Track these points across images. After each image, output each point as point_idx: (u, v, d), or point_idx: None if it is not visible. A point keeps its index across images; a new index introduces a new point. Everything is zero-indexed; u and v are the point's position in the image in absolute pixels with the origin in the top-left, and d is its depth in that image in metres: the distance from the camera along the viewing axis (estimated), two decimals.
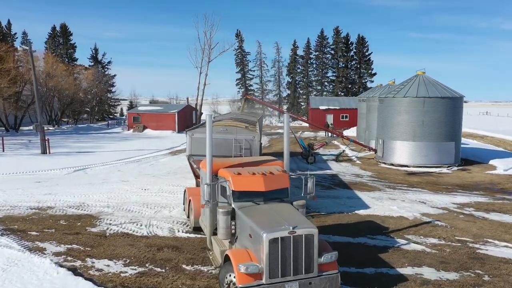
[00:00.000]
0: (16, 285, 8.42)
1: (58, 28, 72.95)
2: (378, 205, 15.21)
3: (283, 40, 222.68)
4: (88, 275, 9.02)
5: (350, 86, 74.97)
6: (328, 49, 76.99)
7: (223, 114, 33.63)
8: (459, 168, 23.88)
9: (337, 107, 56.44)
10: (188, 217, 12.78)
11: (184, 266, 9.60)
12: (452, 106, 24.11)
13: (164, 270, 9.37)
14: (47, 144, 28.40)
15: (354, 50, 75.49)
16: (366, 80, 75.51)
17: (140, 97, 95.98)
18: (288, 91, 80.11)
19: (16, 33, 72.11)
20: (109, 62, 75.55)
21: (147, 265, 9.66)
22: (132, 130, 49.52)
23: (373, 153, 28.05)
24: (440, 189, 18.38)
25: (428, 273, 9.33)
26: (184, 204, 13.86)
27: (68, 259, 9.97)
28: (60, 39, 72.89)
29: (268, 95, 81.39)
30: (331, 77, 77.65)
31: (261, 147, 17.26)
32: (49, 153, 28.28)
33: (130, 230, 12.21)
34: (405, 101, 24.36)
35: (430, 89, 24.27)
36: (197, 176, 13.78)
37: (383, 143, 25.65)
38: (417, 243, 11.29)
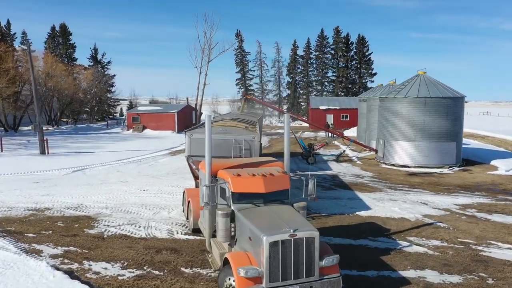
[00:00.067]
0: None
1: (57, 28, 72.86)
2: (379, 206, 15.06)
3: (283, 40, 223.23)
4: (85, 278, 8.88)
5: (350, 86, 74.83)
6: (328, 49, 76.87)
7: (223, 114, 33.49)
8: (461, 168, 23.72)
9: (337, 107, 56.27)
10: (187, 218, 12.62)
11: (182, 268, 9.44)
12: (454, 106, 23.98)
13: (162, 273, 9.21)
14: (45, 144, 28.27)
15: (354, 50, 75.35)
16: (366, 80, 75.38)
17: (140, 97, 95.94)
18: (288, 91, 79.97)
19: (15, 33, 71.74)
20: (108, 62, 75.56)
21: (145, 267, 9.50)
22: (131, 130, 49.39)
23: (373, 153, 27.89)
24: (441, 190, 18.22)
25: (431, 276, 9.17)
26: (183, 205, 13.70)
27: (65, 261, 9.82)
28: (60, 39, 72.82)
29: (268, 95, 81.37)
30: (331, 77, 77.52)
31: (261, 147, 17.11)
32: (48, 153, 28.14)
33: (129, 231, 12.06)
34: (406, 101, 24.21)
35: (431, 89, 24.11)
36: (196, 177, 13.61)
37: (384, 144, 25.50)
38: (419, 245, 11.13)
